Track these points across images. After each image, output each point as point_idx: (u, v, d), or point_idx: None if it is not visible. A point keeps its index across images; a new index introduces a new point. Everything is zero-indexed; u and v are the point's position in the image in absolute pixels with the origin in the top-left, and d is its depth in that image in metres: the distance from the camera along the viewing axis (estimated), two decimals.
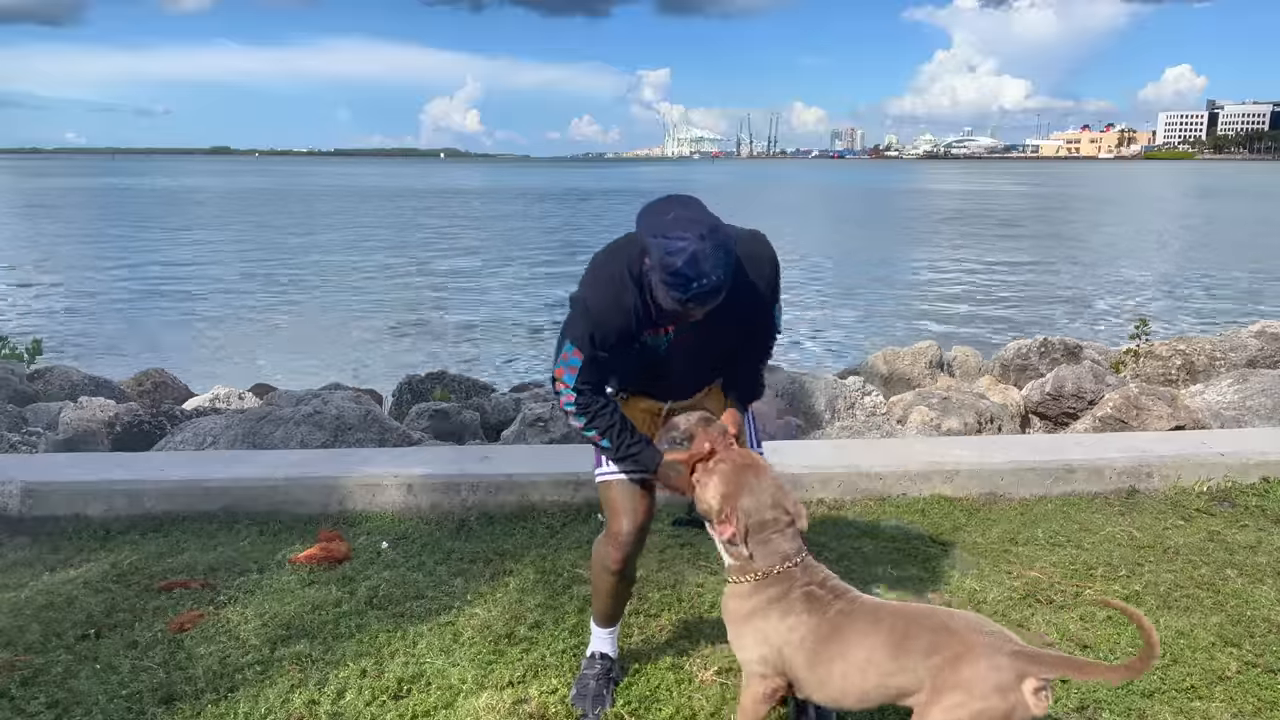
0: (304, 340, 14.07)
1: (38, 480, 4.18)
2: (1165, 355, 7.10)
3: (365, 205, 54.02)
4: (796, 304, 17.46)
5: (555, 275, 22.08)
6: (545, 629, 3.13)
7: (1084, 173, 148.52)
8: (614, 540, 2.61)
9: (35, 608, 3.26)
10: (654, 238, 2.11)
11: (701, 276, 2.07)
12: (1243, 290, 19.41)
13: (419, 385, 7.30)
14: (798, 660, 2.17)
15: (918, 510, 4.24)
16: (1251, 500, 4.35)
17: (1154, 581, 3.48)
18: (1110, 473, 4.51)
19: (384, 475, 4.26)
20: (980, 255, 26.44)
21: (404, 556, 3.73)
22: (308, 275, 21.98)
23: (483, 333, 15.17)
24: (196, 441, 5.27)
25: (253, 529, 4.00)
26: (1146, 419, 5.60)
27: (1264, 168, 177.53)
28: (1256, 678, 2.82)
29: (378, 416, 5.55)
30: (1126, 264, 24.10)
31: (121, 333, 14.83)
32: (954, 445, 4.86)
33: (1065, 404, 6.23)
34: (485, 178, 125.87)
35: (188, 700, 2.70)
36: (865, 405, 6.31)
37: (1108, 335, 13.29)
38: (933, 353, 7.78)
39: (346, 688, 2.76)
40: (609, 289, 2.32)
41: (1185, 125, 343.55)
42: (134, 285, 20.10)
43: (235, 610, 3.25)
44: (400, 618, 3.20)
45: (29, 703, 2.69)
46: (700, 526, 4.00)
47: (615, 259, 2.34)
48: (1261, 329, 7.40)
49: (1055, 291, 19.41)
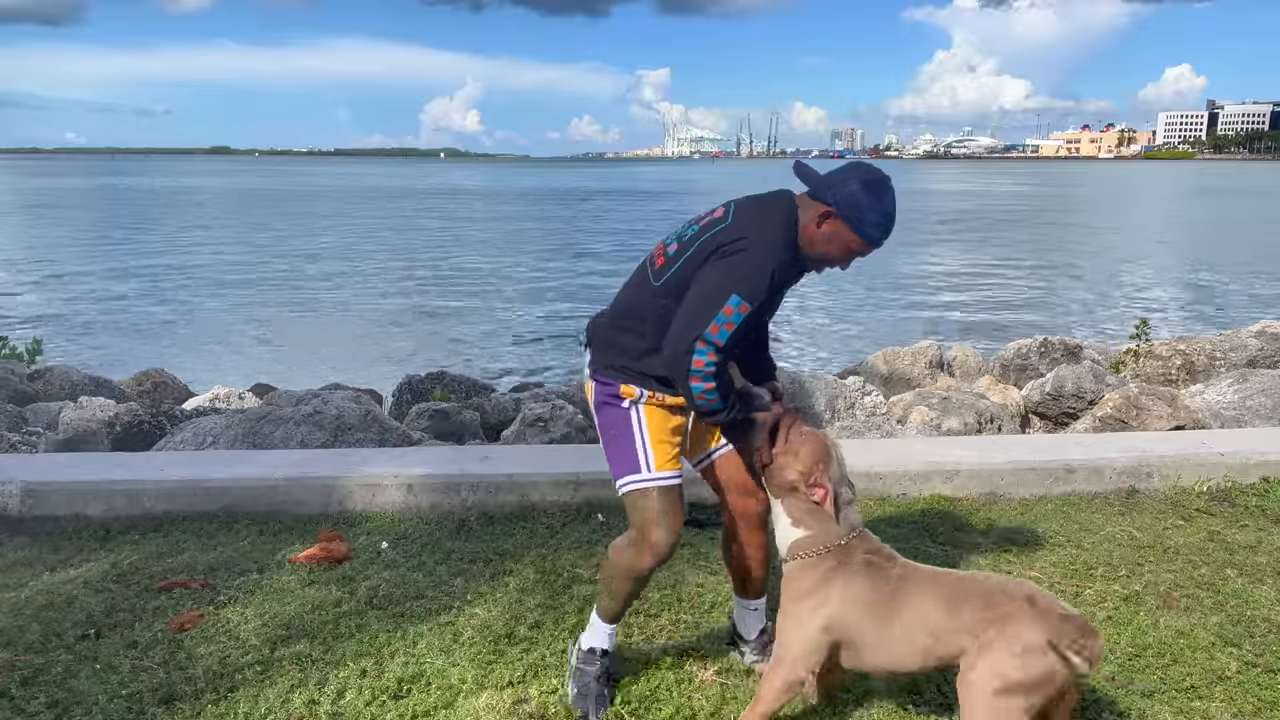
0: (304, 340, 14.08)
1: (38, 480, 4.18)
2: (1165, 355, 7.10)
3: (365, 205, 54.01)
4: (797, 303, 17.47)
5: (555, 275, 22.09)
6: (545, 629, 3.13)
7: (1084, 173, 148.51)
8: (652, 550, 2.52)
9: (35, 608, 3.26)
10: (850, 184, 2.37)
11: (894, 210, 2.40)
12: (1242, 290, 19.41)
13: (419, 385, 7.30)
14: (863, 623, 2.27)
15: (918, 510, 4.24)
16: (1251, 500, 4.35)
17: (1154, 581, 3.48)
18: (1110, 473, 4.51)
19: (384, 475, 4.26)
20: (980, 255, 26.44)
21: (404, 556, 3.73)
22: (308, 275, 21.98)
23: (483, 333, 15.17)
24: (196, 441, 5.27)
25: (253, 529, 4.00)
26: (1146, 419, 5.60)
27: (1264, 168, 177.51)
28: (1256, 678, 2.82)
29: (378, 416, 5.55)
30: (1126, 264, 24.11)
31: (121, 332, 14.84)
32: (954, 445, 4.86)
33: (1065, 404, 6.23)
34: (485, 178, 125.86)
35: (188, 700, 2.70)
36: (865, 405, 6.30)
37: (1108, 335, 13.29)
38: (933, 353, 7.78)
39: (346, 688, 2.76)
40: (780, 230, 2.42)
41: (1185, 125, 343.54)
42: (134, 285, 20.10)
43: (235, 610, 3.25)
44: (400, 618, 3.20)
45: (29, 703, 2.69)
46: (700, 526, 4.00)
47: (768, 209, 2.46)
48: (1261, 329, 7.39)
49: (1055, 291, 19.42)
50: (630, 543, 2.57)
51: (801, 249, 2.45)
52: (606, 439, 2.61)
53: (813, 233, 2.42)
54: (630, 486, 2.54)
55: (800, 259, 2.47)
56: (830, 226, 2.40)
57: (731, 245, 2.38)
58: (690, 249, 2.45)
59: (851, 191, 2.36)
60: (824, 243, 2.43)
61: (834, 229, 2.40)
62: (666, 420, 2.57)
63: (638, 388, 2.54)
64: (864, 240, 2.40)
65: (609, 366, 2.57)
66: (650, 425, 2.55)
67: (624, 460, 2.55)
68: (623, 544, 2.60)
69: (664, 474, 2.52)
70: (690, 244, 2.46)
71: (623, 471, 2.55)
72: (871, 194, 2.36)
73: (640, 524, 2.53)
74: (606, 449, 2.61)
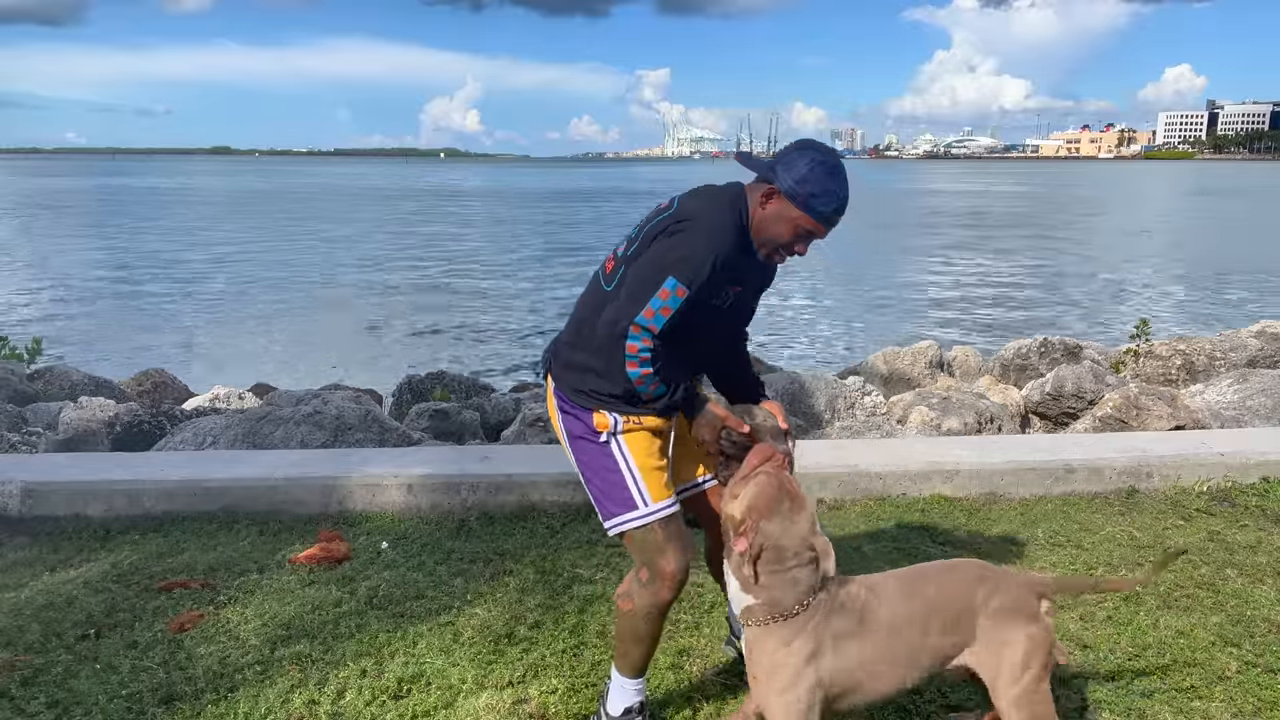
0: (304, 340, 14.08)
1: (38, 480, 4.18)
2: (1165, 355, 7.10)
3: (365, 206, 53.98)
4: (797, 303, 17.48)
5: (555, 276, 22.09)
6: (545, 629, 3.13)
7: (1084, 173, 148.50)
8: (670, 579, 2.35)
9: (35, 608, 3.26)
10: (791, 162, 2.30)
11: (845, 189, 2.31)
12: (1242, 289, 19.41)
13: (419, 385, 7.30)
14: (849, 655, 2.06)
15: (918, 510, 4.24)
16: (1251, 500, 4.35)
17: (1154, 581, 3.48)
18: (1110, 473, 4.51)
19: (384, 475, 4.26)
20: (980, 255, 26.44)
21: (404, 556, 3.73)
22: (308, 275, 21.98)
23: (483, 333, 15.17)
24: (196, 441, 5.27)
25: (253, 529, 4.00)
26: (1146, 419, 5.60)
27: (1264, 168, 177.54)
28: (1256, 678, 2.82)
29: (378, 416, 5.55)
30: (1127, 264, 24.10)
31: (121, 332, 14.83)
32: (954, 445, 4.86)
33: (1065, 404, 6.23)
34: (485, 178, 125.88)
35: (188, 700, 2.70)
36: (865, 405, 6.31)
37: (1108, 335, 13.29)
38: (933, 353, 7.78)
39: (346, 688, 2.76)
40: (725, 214, 2.32)
41: (1185, 125, 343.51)
42: (134, 285, 20.09)
43: (235, 610, 3.25)
44: (400, 618, 3.20)
45: (29, 703, 2.69)
46: (700, 526, 4.00)
47: (714, 195, 2.39)
48: (1261, 329, 7.40)
49: (1055, 291, 19.41)
50: (642, 582, 2.39)
51: (752, 236, 2.36)
52: (589, 476, 2.43)
53: (759, 215, 2.34)
54: (628, 525, 2.37)
55: (752, 247, 2.37)
56: (775, 205, 2.32)
57: (674, 227, 2.30)
58: (636, 243, 2.37)
59: (793, 167, 2.30)
60: (772, 223, 2.33)
61: (778, 207, 2.31)
62: (650, 444, 2.42)
63: (610, 414, 2.38)
64: (811, 216, 2.30)
65: (575, 391, 2.42)
66: (635, 456, 2.39)
67: (615, 499, 2.38)
68: (633, 588, 2.41)
69: (662, 504, 2.37)
70: (636, 239, 2.38)
71: (617, 510, 2.37)
72: (813, 168, 2.29)
73: (648, 559, 2.37)
74: (590, 486, 2.43)
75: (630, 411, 2.39)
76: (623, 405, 2.38)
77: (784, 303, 17.61)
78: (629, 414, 2.39)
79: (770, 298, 17.72)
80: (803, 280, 20.31)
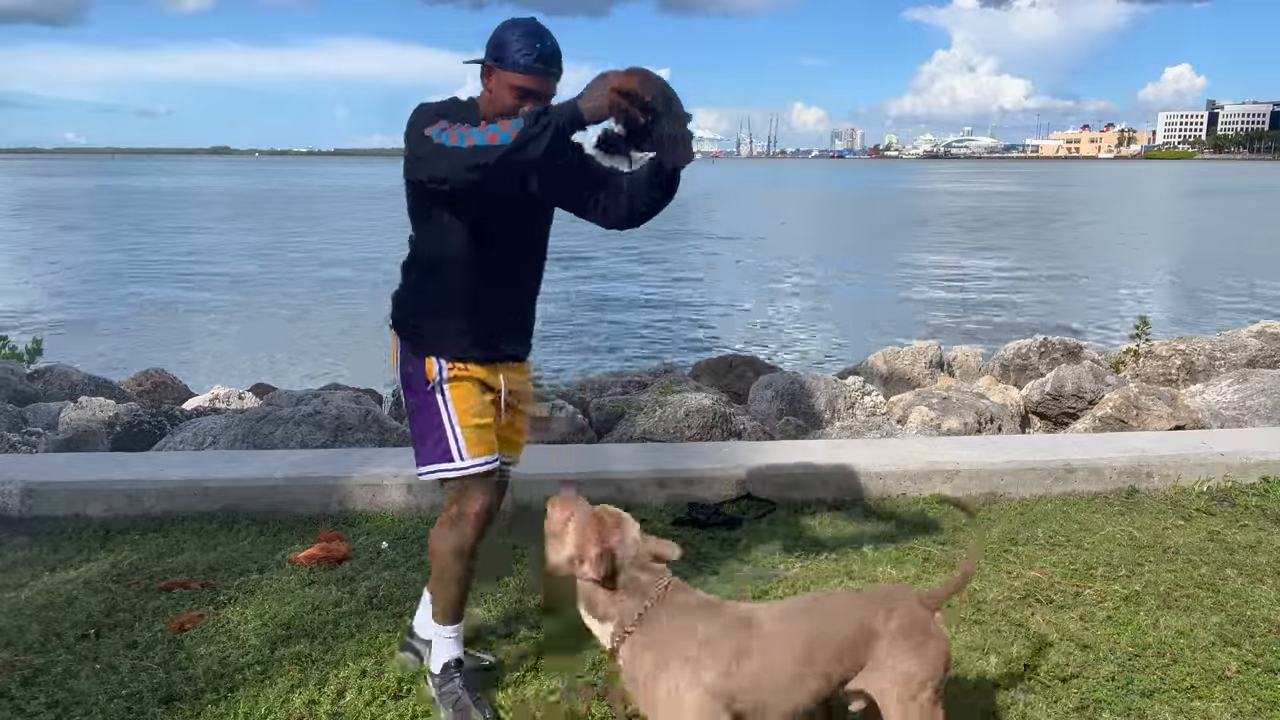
0: (304, 340, 14.07)
1: (38, 480, 4.18)
2: (1165, 355, 7.10)
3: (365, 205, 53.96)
4: (796, 303, 17.48)
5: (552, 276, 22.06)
6: (545, 629, 3.12)
7: (1084, 172, 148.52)
8: (474, 519, 2.50)
9: (35, 608, 3.26)
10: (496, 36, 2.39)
11: (544, 40, 2.38)
12: (1242, 289, 19.41)
13: None
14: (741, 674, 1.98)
15: (918, 510, 4.24)
16: (1251, 500, 4.35)
17: (1154, 581, 3.48)
18: (1110, 473, 4.51)
19: (384, 475, 4.26)
20: (981, 255, 26.44)
21: (404, 556, 3.73)
22: (308, 275, 21.97)
23: None
24: (196, 441, 5.27)
25: (253, 529, 4.00)
26: (1146, 419, 5.60)
27: (1264, 168, 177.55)
28: (1256, 678, 2.82)
29: (378, 416, 5.56)
30: (1127, 264, 24.11)
31: (121, 332, 14.84)
32: (954, 445, 4.86)
33: (1065, 404, 6.23)
34: None
35: (188, 700, 2.70)
36: (865, 405, 6.31)
37: (1108, 335, 13.30)
38: (933, 352, 7.78)
39: (346, 688, 2.76)
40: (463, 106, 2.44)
41: (1185, 125, 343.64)
42: (135, 285, 20.10)
43: (235, 610, 3.25)
44: (400, 618, 3.20)
45: (29, 703, 2.69)
46: (701, 526, 4.01)
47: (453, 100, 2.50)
48: (1261, 329, 7.40)
49: (1055, 291, 19.42)
50: (449, 523, 2.55)
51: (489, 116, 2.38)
52: (412, 421, 2.57)
53: (486, 97, 2.44)
54: (439, 475, 2.51)
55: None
56: (493, 80, 2.41)
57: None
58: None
59: (496, 39, 2.40)
60: (498, 96, 2.40)
61: (495, 79, 2.41)
62: (474, 397, 2.51)
63: (436, 361, 2.49)
64: (521, 71, 2.36)
65: (414, 334, 2.55)
66: (458, 407, 2.49)
67: (432, 447, 2.49)
68: (443, 530, 2.56)
69: (476, 461, 2.48)
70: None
71: (432, 459, 2.50)
72: (510, 30, 2.39)
73: (456, 500, 2.54)
74: (412, 427, 2.56)
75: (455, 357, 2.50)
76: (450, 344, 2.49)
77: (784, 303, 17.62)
78: (455, 361, 2.50)
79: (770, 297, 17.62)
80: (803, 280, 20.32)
